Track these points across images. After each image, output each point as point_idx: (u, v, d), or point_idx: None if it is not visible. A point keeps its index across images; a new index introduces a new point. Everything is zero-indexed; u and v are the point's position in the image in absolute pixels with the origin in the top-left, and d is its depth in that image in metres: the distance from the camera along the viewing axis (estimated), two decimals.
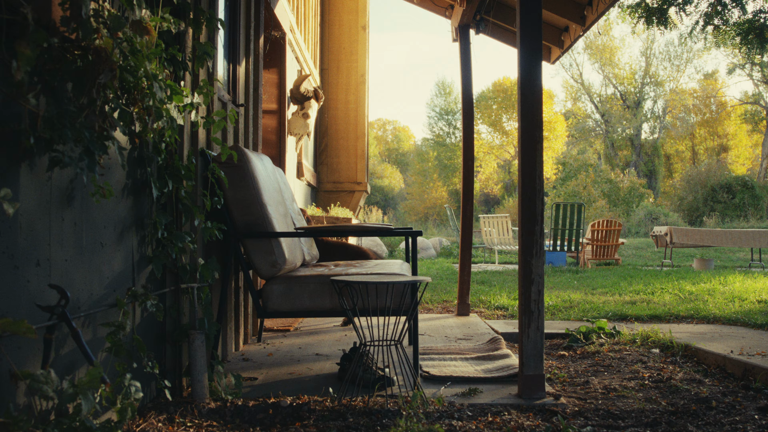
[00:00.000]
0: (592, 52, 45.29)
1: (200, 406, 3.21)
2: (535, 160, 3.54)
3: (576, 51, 45.75)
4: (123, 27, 2.38)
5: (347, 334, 5.47)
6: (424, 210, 43.26)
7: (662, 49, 45.41)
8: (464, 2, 6.38)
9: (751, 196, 31.72)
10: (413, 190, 46.84)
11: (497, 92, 44.65)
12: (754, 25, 8.34)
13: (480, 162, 44.35)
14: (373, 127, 60.08)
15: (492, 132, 45.67)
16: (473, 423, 3.02)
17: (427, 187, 44.98)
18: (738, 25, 8.55)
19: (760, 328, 5.78)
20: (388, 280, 3.29)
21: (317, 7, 10.52)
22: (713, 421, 3.14)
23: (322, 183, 10.85)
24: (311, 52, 9.76)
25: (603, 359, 4.63)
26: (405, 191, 49.33)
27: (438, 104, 48.04)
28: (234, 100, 4.81)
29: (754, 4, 8.68)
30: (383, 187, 46.81)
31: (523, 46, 3.59)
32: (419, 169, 47.21)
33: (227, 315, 4.33)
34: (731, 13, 8.38)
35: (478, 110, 44.85)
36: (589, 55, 45.54)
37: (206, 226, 3.48)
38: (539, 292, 3.50)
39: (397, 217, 40.86)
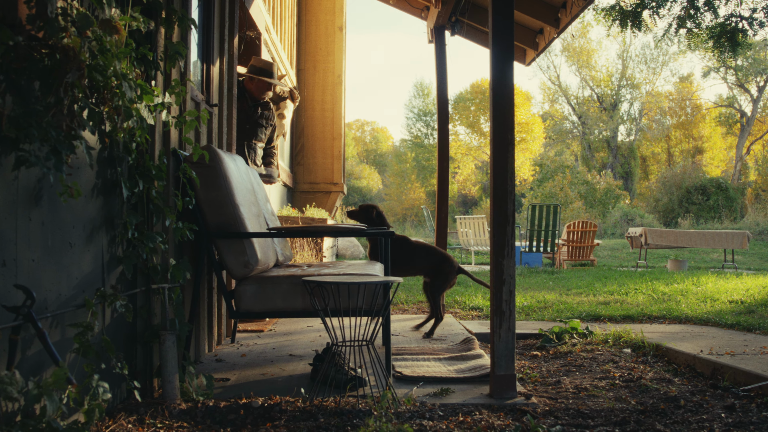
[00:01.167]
0: (570, 55, 45.55)
1: (171, 407, 3.19)
2: (507, 162, 3.56)
3: (553, 53, 46.04)
4: (91, 26, 2.36)
5: (321, 335, 5.46)
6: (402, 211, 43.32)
7: (638, 52, 45.86)
8: (439, 4, 6.40)
9: (725, 198, 32.06)
10: (391, 191, 46.89)
11: (475, 93, 44.79)
12: (725, 29, 8.43)
13: (458, 163, 44.47)
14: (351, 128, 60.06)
15: (470, 133, 45.81)
16: (444, 423, 3.03)
17: (405, 188, 45.04)
18: (710, 29, 8.64)
19: (731, 328, 5.84)
20: (360, 280, 3.30)
21: (294, 7, 10.50)
22: (681, 419, 3.17)
23: (299, 184, 10.83)
24: (287, 53, 9.74)
25: (575, 359, 4.66)
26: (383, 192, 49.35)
27: (416, 105, 48.13)
28: (207, 100, 4.79)
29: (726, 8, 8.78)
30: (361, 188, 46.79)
31: (495, 47, 3.61)
32: (397, 170, 47.26)
33: (200, 316, 4.31)
34: (704, 16, 8.47)
35: (456, 111, 44.96)
36: (566, 57, 45.81)
37: (178, 227, 3.47)
38: (510, 292, 3.52)
39: None
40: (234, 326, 5.14)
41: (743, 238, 14.08)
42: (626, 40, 44.49)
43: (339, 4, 11.09)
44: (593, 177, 35.68)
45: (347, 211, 5.54)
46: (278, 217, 7.31)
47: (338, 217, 19.26)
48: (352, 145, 54.01)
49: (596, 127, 45.79)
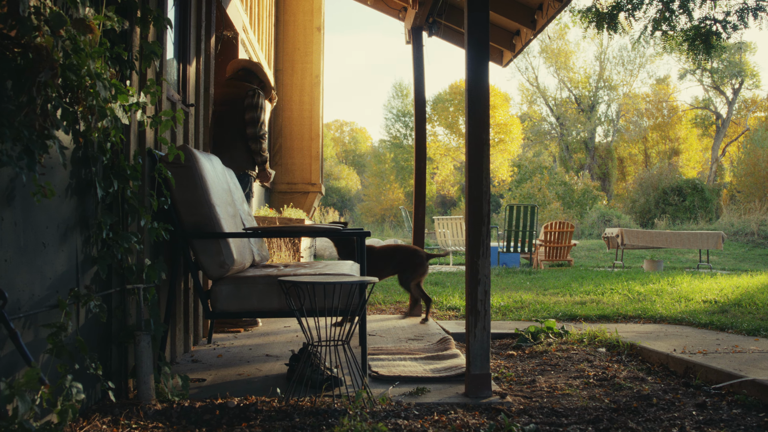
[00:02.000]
0: (548, 56, 45.78)
1: (146, 407, 3.18)
2: (482, 162, 3.58)
3: (532, 55, 46.24)
4: (65, 25, 2.35)
5: (298, 335, 5.46)
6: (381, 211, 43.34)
7: (616, 54, 46.15)
8: (416, 5, 6.42)
9: (701, 199, 32.38)
10: (370, 191, 46.88)
11: (454, 94, 44.90)
12: (700, 32, 8.52)
13: (437, 164, 44.56)
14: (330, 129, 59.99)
15: (449, 134, 45.92)
16: (419, 422, 3.04)
17: (384, 188, 45.06)
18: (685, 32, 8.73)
19: (704, 327, 5.91)
20: (335, 280, 3.31)
21: (272, 7, 10.48)
22: (653, 417, 3.21)
23: (276, 184, 10.81)
24: (265, 53, 9.72)
25: (550, 358, 4.69)
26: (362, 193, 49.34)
27: (395, 106, 48.15)
28: (184, 100, 4.78)
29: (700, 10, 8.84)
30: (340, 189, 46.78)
31: (470, 47, 3.63)
32: (376, 170, 47.26)
33: (176, 316, 4.30)
34: (678, 19, 8.55)
35: (435, 112, 45.04)
36: (544, 58, 46.02)
37: (153, 227, 3.46)
38: (485, 292, 3.55)
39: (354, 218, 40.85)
40: (211, 327, 5.13)
41: (718, 238, 14.24)
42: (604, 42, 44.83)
43: (317, 5, 11.08)
44: (571, 178, 35.90)
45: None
46: (255, 218, 7.29)
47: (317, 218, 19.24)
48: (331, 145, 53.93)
49: (574, 129, 46.06)
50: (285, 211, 8.50)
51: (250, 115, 5.80)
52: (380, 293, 8.48)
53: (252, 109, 5.79)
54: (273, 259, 6.94)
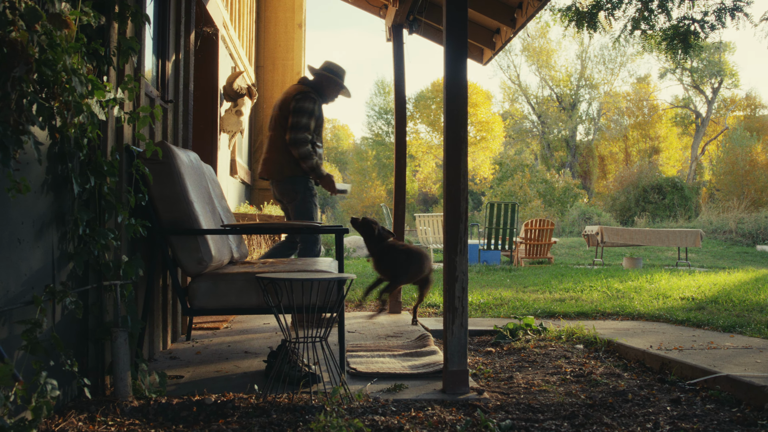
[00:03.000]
0: (530, 55, 45.96)
1: (123, 404, 3.18)
2: (460, 159, 3.60)
3: (513, 53, 46.41)
4: (40, 20, 2.35)
5: (278, 332, 5.46)
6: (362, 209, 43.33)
7: (597, 53, 46.47)
8: (397, 2, 6.43)
9: (681, 197, 32.67)
10: (352, 189, 46.84)
11: (436, 92, 44.96)
12: (678, 31, 8.59)
13: (418, 162, 44.61)
14: None
15: (430, 132, 45.98)
16: (396, 418, 3.05)
17: (366, 186, 45.06)
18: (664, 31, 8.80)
19: (681, 324, 5.97)
20: (313, 277, 3.31)
21: (252, 4, 10.45)
22: (628, 413, 3.25)
23: (257, 181, 10.78)
24: (246, 49, 9.69)
25: (528, 355, 4.72)
26: None
27: (377, 103, 48.17)
28: (163, 96, 4.76)
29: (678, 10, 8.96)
30: None
31: (448, 44, 3.64)
32: (358, 168, 47.26)
33: (154, 313, 4.29)
34: (657, 18, 8.62)
35: (417, 110, 45.08)
36: (526, 57, 46.22)
37: (130, 223, 3.44)
38: (463, 289, 3.56)
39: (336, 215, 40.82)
40: (189, 323, 5.12)
41: (696, 236, 14.38)
42: (585, 41, 45.08)
43: (298, 2, 11.07)
44: (552, 176, 36.08)
45: (351, 218, 5.52)
46: (236, 215, 7.28)
47: None
48: None
49: (555, 127, 46.30)
50: (265, 208, 8.50)
51: (291, 119, 5.74)
52: (360, 290, 8.48)
53: (294, 113, 5.74)
54: (253, 256, 6.93)
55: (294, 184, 5.82)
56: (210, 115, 7.21)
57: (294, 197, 5.84)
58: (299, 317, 4.58)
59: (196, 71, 6.47)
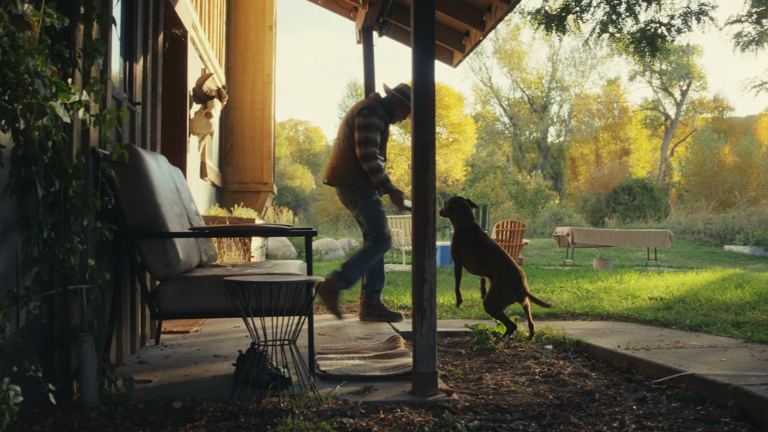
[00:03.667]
0: (501, 57, 46.18)
1: (89, 409, 3.15)
2: (428, 162, 3.61)
3: (485, 55, 46.58)
4: (2, 21, 2.32)
5: (248, 336, 5.44)
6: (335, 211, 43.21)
7: (568, 55, 46.74)
8: (367, 4, 6.44)
9: (650, 198, 33.02)
10: (324, 191, 46.67)
11: None
12: (646, 34, 8.69)
13: (391, 163, 44.59)
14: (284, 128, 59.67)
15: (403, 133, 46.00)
16: (365, 420, 3.06)
17: None
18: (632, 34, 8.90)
19: (649, 324, 6.03)
20: (281, 280, 3.31)
21: (223, 5, 10.40)
22: (595, 412, 3.27)
23: (228, 183, 10.73)
24: (216, 51, 9.65)
25: (498, 356, 4.75)
26: (316, 192, 49.15)
27: (349, 105, 48.13)
28: (131, 98, 4.73)
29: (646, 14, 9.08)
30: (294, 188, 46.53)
31: (416, 46, 3.65)
32: None
33: (122, 317, 4.25)
34: (625, 21, 8.72)
35: None
36: (498, 59, 46.42)
37: (96, 227, 3.41)
38: (432, 290, 3.58)
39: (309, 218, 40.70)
40: (158, 327, 5.08)
41: (665, 237, 14.54)
42: (556, 43, 45.38)
43: (269, 4, 11.03)
44: (524, 177, 36.29)
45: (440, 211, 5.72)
46: (206, 217, 7.24)
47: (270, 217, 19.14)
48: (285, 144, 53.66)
49: (527, 129, 46.55)
50: (236, 211, 8.46)
51: (360, 134, 5.91)
52: None
53: (363, 128, 5.91)
54: (223, 259, 6.90)
55: (354, 192, 6.06)
56: (179, 118, 7.16)
57: (356, 204, 6.09)
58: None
59: (164, 73, 6.43)
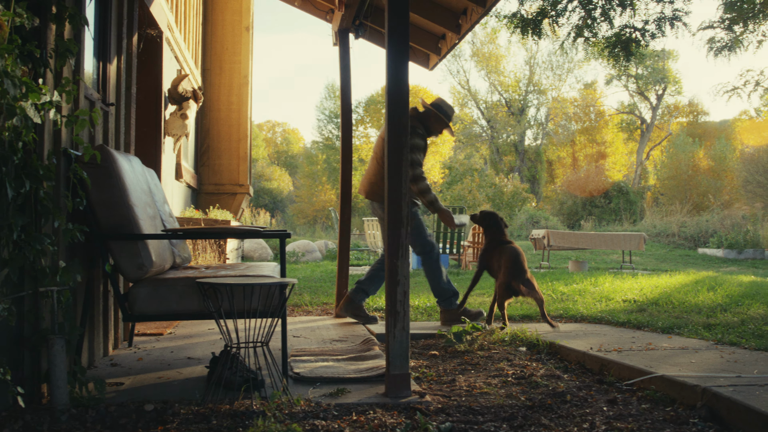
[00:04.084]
0: (479, 60, 46.33)
1: (60, 412, 3.13)
2: (401, 165, 3.62)
3: (463, 58, 46.75)
4: None
5: (223, 338, 5.41)
6: (313, 213, 43.20)
7: (545, 59, 46.93)
8: (343, 6, 6.44)
9: (626, 201, 33.32)
10: (302, 192, 46.67)
11: None
12: (620, 39, 8.78)
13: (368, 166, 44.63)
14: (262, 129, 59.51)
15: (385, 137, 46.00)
16: (337, 422, 3.06)
17: (316, 189, 44.92)
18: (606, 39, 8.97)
19: (622, 326, 6.08)
20: (254, 281, 3.30)
21: (199, 6, 10.37)
22: (566, 413, 3.30)
23: (204, 185, 10.69)
24: (192, 52, 9.61)
25: (472, 358, 4.77)
26: (294, 194, 49.07)
27: (327, 107, 48.03)
28: (104, 99, 4.70)
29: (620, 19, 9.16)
30: (272, 190, 46.42)
31: (390, 48, 3.66)
32: (308, 171, 47.07)
33: (94, 319, 4.22)
34: (600, 26, 8.79)
35: (368, 114, 45.09)
36: (475, 62, 46.55)
37: (67, 228, 3.39)
38: (405, 293, 3.59)
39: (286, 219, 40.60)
40: (131, 329, 5.05)
41: (640, 239, 14.65)
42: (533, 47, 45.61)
43: (246, 5, 11.02)
44: (501, 180, 36.41)
45: (470, 215, 6.04)
46: (181, 219, 7.21)
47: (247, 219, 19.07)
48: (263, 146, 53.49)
49: (504, 132, 46.73)
50: (211, 213, 8.43)
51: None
52: (308, 295, 8.46)
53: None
54: (198, 261, 6.87)
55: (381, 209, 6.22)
56: (154, 119, 7.12)
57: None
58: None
59: (139, 74, 6.40)
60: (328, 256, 17.85)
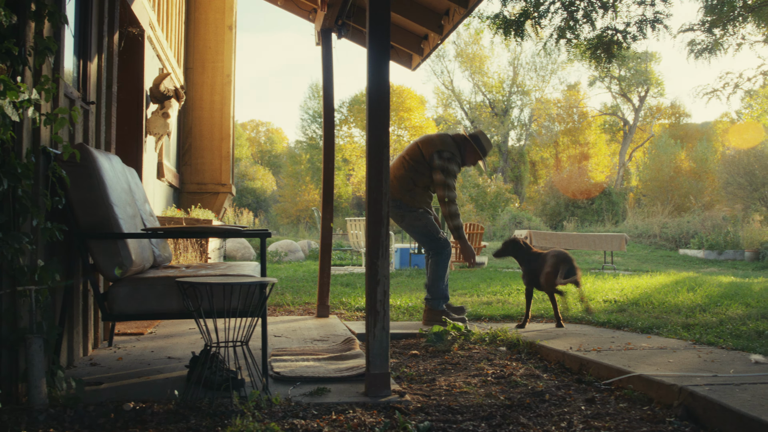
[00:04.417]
0: (463, 61, 46.43)
1: (37, 412, 3.11)
2: (382, 164, 3.63)
3: (447, 59, 46.79)
4: None
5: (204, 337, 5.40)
6: (296, 212, 43.11)
7: (529, 60, 47.08)
8: (325, 6, 6.44)
9: (609, 202, 33.51)
10: (286, 192, 46.58)
11: None
12: (602, 41, 8.83)
13: (353, 165, 44.61)
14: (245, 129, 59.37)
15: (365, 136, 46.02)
16: (316, 421, 3.06)
17: (300, 189, 44.84)
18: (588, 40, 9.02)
19: (602, 326, 6.12)
20: (235, 281, 3.30)
21: (181, 4, 10.33)
22: (544, 413, 3.32)
23: (186, 184, 10.65)
24: (174, 51, 9.57)
25: (452, 357, 4.78)
26: (277, 194, 48.97)
27: (311, 107, 48.00)
28: (84, 97, 4.67)
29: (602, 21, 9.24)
30: (255, 189, 46.29)
31: (371, 47, 3.67)
32: (292, 171, 46.99)
33: (74, 318, 4.20)
34: (582, 28, 8.84)
35: (352, 114, 45.09)
36: (459, 63, 46.66)
37: (46, 227, 3.37)
38: (385, 292, 3.59)
39: (269, 219, 40.52)
40: (111, 329, 5.03)
41: (621, 240, 14.75)
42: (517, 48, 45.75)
43: (229, 3, 10.99)
44: (484, 180, 36.51)
45: (493, 254, 6.13)
46: (162, 218, 7.18)
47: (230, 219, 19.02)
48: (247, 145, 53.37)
49: (488, 132, 46.86)
50: (193, 212, 8.40)
51: (440, 177, 6.18)
52: (290, 294, 8.46)
53: (443, 172, 6.18)
54: (179, 261, 6.85)
55: (399, 207, 6.28)
56: (135, 117, 7.09)
57: (402, 218, 6.33)
58: None
59: (121, 72, 6.37)
60: (311, 255, 17.84)
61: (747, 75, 11.66)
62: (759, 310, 6.51)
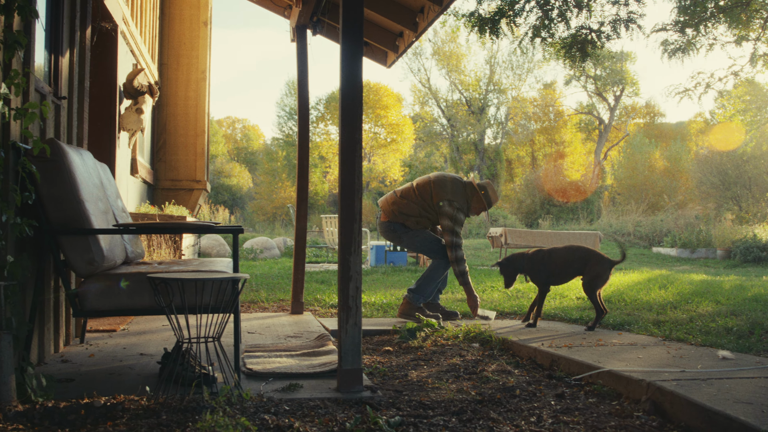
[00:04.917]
0: (440, 58, 46.50)
1: (6, 409, 3.09)
2: (354, 161, 3.64)
3: (424, 57, 46.87)
4: None
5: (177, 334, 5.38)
6: (272, 210, 43.01)
7: (505, 59, 47.25)
8: (300, 3, 6.43)
9: (584, 201, 33.71)
10: (262, 189, 46.44)
11: None
12: (576, 40, 8.89)
13: (329, 163, 44.56)
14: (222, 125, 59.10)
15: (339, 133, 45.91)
16: (288, 417, 3.07)
17: (276, 186, 44.73)
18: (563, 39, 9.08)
19: (574, 323, 6.18)
20: (206, 276, 3.30)
21: (156, 0, 10.26)
22: (514, 408, 3.35)
23: (160, 180, 10.59)
24: (149, 46, 9.51)
25: (425, 354, 4.81)
26: (253, 191, 48.80)
27: (288, 104, 47.87)
28: (56, 92, 4.63)
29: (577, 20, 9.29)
30: (231, 186, 46.14)
31: (344, 43, 3.67)
32: (268, 168, 46.86)
33: (45, 315, 4.17)
34: (557, 27, 8.89)
35: (329, 111, 45.03)
36: (436, 61, 46.72)
37: (16, 222, 3.35)
38: (357, 288, 3.61)
39: (245, 216, 40.38)
40: (83, 325, 5.00)
41: (595, 238, 14.87)
42: (493, 46, 45.90)
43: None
44: None
45: (497, 263, 6.21)
46: (135, 215, 7.14)
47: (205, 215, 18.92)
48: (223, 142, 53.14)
49: (465, 130, 46.98)
50: (167, 209, 8.36)
51: (448, 223, 6.34)
52: (264, 291, 8.44)
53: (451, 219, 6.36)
54: (152, 257, 6.81)
55: (394, 230, 6.54)
56: (108, 113, 7.04)
57: (400, 239, 6.54)
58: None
59: (93, 68, 6.32)
60: (287, 253, 17.81)
61: (718, 75, 11.81)
62: (728, 307, 6.60)
